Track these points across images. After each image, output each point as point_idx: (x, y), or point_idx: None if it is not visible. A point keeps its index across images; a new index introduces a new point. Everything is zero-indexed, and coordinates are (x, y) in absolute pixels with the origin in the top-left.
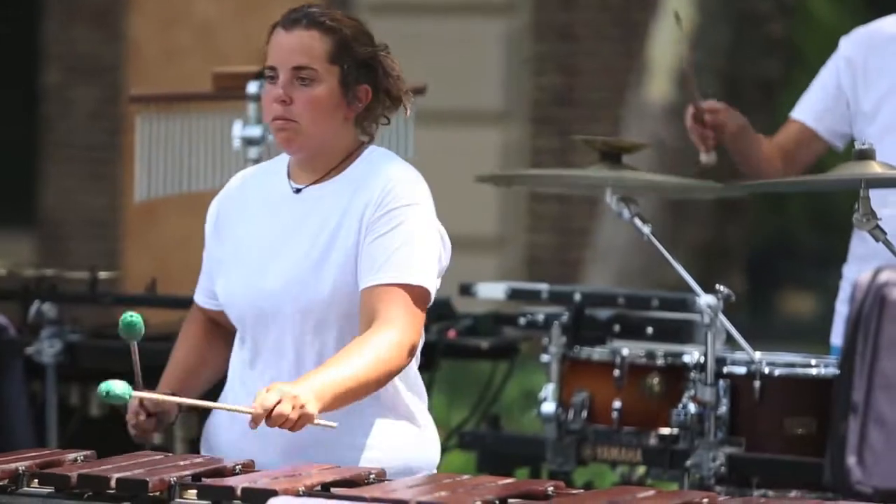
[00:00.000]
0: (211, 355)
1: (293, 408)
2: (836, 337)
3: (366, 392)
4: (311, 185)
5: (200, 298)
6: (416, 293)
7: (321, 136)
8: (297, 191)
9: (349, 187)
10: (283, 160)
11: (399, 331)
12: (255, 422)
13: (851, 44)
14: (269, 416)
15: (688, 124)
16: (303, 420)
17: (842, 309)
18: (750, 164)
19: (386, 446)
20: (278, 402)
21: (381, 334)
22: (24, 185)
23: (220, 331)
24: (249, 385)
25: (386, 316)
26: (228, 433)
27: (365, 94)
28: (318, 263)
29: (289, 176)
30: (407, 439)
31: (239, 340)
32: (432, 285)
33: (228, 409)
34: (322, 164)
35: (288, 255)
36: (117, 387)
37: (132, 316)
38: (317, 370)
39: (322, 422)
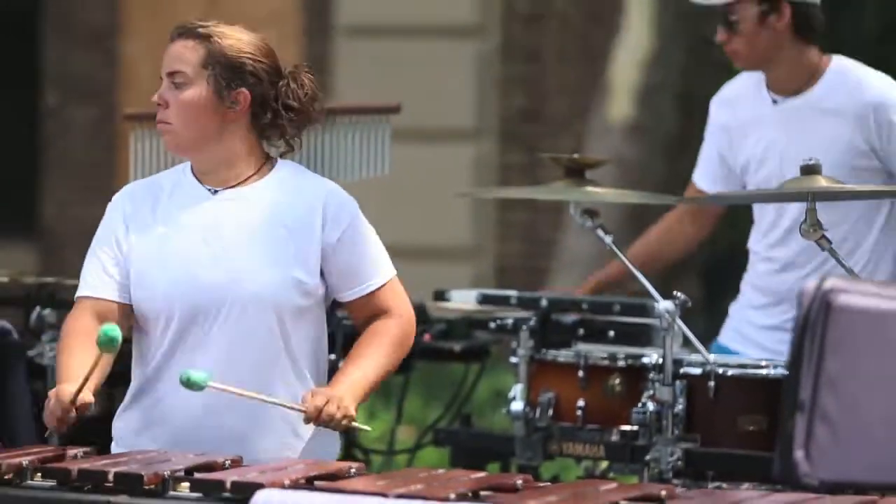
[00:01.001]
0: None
1: (338, 408)
2: (723, 338)
3: (387, 377)
4: (227, 188)
5: (99, 290)
6: (394, 280)
7: (195, 135)
8: (214, 192)
9: (278, 192)
10: (178, 171)
11: (405, 316)
12: (307, 420)
13: (717, 107)
14: (319, 417)
15: None
16: (346, 420)
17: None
18: (663, 261)
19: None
20: (326, 404)
21: (393, 324)
22: (25, 198)
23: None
24: (171, 374)
25: (390, 308)
26: (182, 421)
27: (244, 98)
28: (261, 260)
29: (199, 181)
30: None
31: (145, 334)
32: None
33: (285, 406)
34: (223, 169)
35: (224, 252)
36: (197, 375)
37: (112, 330)
38: (348, 370)
39: (357, 424)
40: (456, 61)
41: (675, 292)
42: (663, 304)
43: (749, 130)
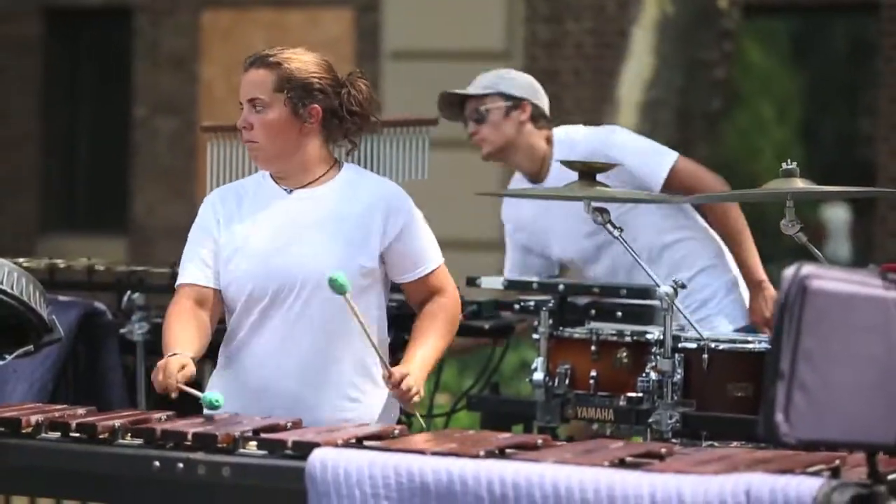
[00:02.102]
0: (207, 326)
1: (416, 383)
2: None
3: (447, 348)
4: (300, 188)
5: (198, 278)
6: (443, 264)
7: (279, 150)
8: (290, 191)
9: (344, 191)
10: (259, 176)
11: (453, 295)
12: (388, 382)
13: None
14: (400, 382)
15: None
16: (418, 396)
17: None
18: None
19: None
20: (407, 375)
21: (444, 304)
22: (118, 199)
23: (205, 309)
24: (250, 351)
25: (442, 289)
26: (256, 385)
27: (316, 112)
28: (327, 247)
29: (276, 183)
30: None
31: (230, 315)
32: None
33: (382, 359)
34: (300, 173)
35: (296, 241)
36: (341, 278)
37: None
38: (416, 351)
39: (416, 411)
40: None
41: (673, 278)
42: (663, 289)
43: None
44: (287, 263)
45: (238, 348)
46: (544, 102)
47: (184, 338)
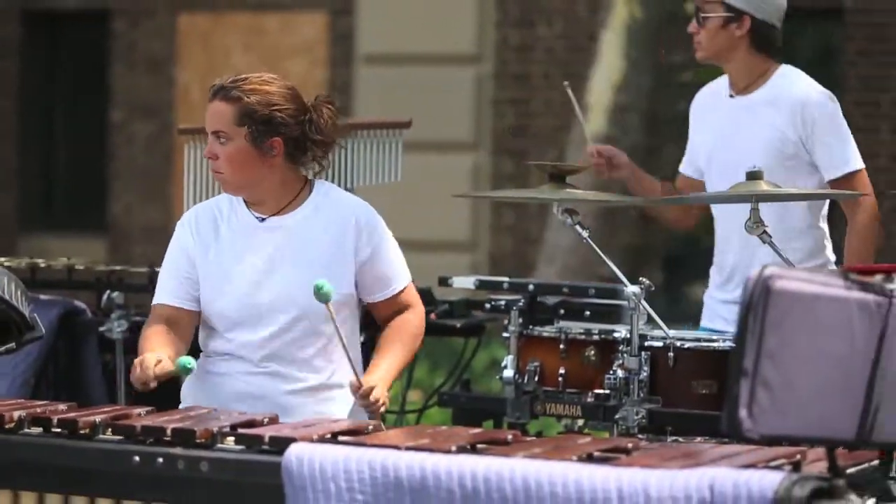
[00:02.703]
0: (179, 345)
1: (383, 398)
2: (705, 321)
3: (410, 361)
4: (273, 215)
5: (173, 299)
6: (411, 283)
7: (243, 180)
8: (262, 220)
9: (317, 217)
10: (230, 198)
11: (419, 312)
12: (355, 391)
13: (696, 98)
14: (368, 394)
15: (589, 159)
16: (383, 407)
17: (708, 302)
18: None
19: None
20: (374, 387)
21: (411, 319)
22: (96, 200)
23: (178, 329)
24: (227, 366)
25: (409, 306)
26: (224, 396)
27: (277, 144)
28: (302, 278)
29: (248, 208)
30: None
31: (211, 332)
32: None
33: (354, 371)
34: (269, 200)
35: (277, 276)
36: (328, 288)
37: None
38: (380, 363)
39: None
40: (457, 85)
41: (640, 278)
42: (630, 288)
43: (707, 117)
44: (264, 298)
45: (215, 367)
46: (772, 18)
47: (159, 344)
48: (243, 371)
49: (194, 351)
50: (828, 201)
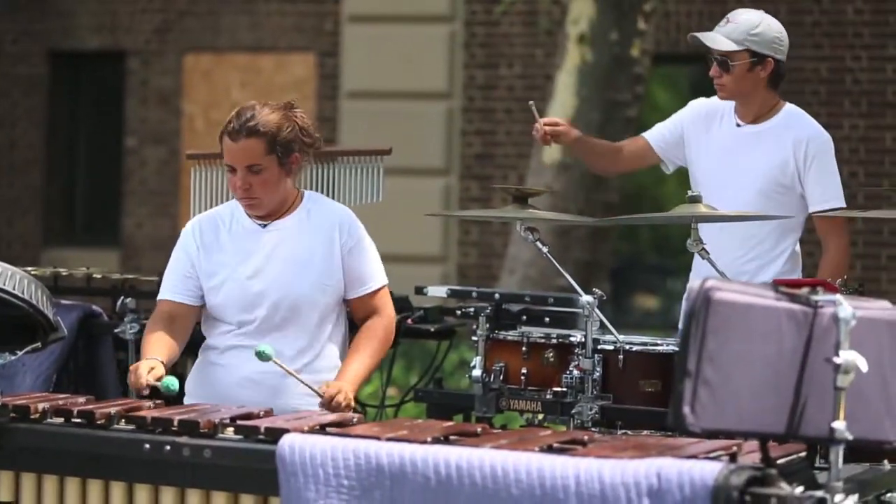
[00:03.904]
0: (179, 336)
1: (344, 399)
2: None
3: (378, 366)
4: (273, 221)
5: (175, 295)
6: (386, 288)
7: (276, 200)
8: (264, 225)
9: (308, 220)
10: (231, 206)
11: (389, 316)
12: (322, 404)
13: (700, 104)
14: (330, 403)
15: (535, 133)
16: (347, 407)
17: (686, 306)
18: (590, 161)
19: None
20: (338, 393)
21: (380, 324)
22: (112, 218)
23: (179, 322)
24: (228, 358)
25: (381, 310)
26: (226, 383)
27: (296, 160)
28: (299, 274)
29: (250, 217)
30: None
31: (215, 328)
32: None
33: (312, 389)
34: (275, 210)
35: (272, 271)
36: (266, 349)
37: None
38: (348, 363)
39: (355, 409)
40: (430, 118)
41: (593, 289)
42: (585, 298)
43: (714, 138)
44: (267, 291)
45: (215, 363)
46: (784, 56)
47: (156, 347)
48: (242, 360)
49: (194, 345)
50: (801, 231)
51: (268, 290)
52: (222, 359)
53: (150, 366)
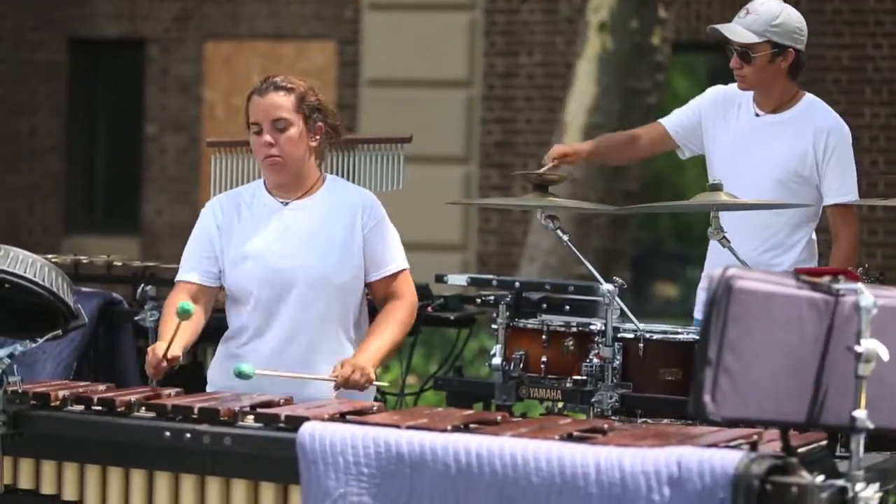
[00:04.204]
0: (197, 318)
1: (361, 376)
2: (697, 312)
3: (398, 348)
4: (295, 200)
5: (194, 277)
6: (407, 271)
7: (298, 162)
8: (286, 203)
9: (330, 201)
10: (252, 187)
11: (409, 300)
12: (336, 387)
13: (718, 92)
14: (346, 383)
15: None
16: (366, 383)
17: (701, 294)
18: (608, 161)
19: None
20: (352, 373)
21: (400, 306)
22: (131, 204)
23: (198, 303)
24: (253, 345)
25: (400, 292)
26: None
27: (320, 130)
28: (319, 251)
29: (271, 194)
30: None
31: (237, 310)
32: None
33: (319, 378)
34: (296, 186)
35: (293, 248)
36: (245, 368)
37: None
38: (368, 342)
39: (378, 382)
40: (451, 106)
41: (613, 277)
42: (605, 286)
43: (732, 126)
44: (290, 268)
45: (241, 345)
46: (804, 46)
47: (170, 330)
48: (265, 345)
49: (214, 333)
50: (818, 220)
51: (288, 266)
52: (244, 350)
53: (166, 346)
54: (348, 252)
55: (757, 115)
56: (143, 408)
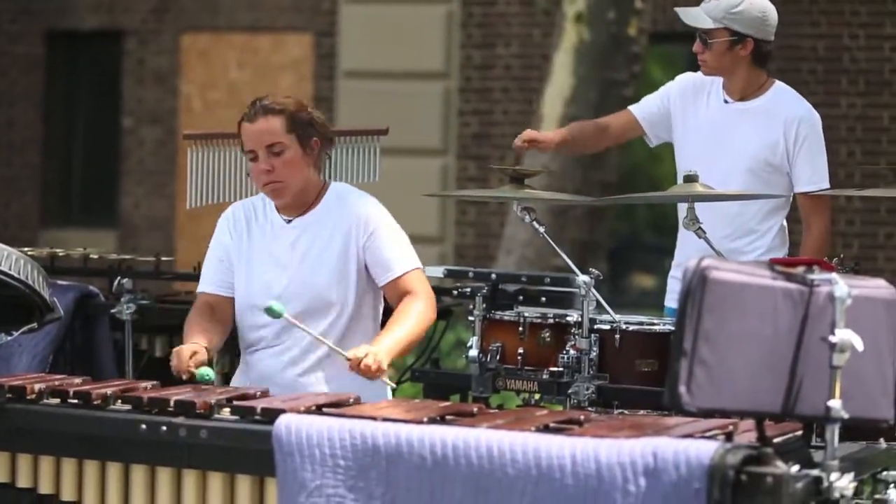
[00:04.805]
0: (221, 324)
1: (374, 361)
2: (668, 301)
3: (416, 344)
4: (297, 217)
5: (212, 288)
6: (420, 270)
7: (299, 184)
8: (289, 221)
9: (329, 216)
10: (264, 198)
11: (427, 297)
12: (350, 367)
13: (686, 80)
14: (358, 365)
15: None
16: (378, 372)
17: (672, 283)
18: (578, 152)
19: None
20: (366, 356)
21: (416, 303)
22: (109, 197)
23: (219, 312)
24: (260, 355)
25: (415, 290)
26: (272, 368)
27: (316, 143)
28: (321, 269)
29: (277, 211)
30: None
31: (253, 333)
32: (419, 261)
33: (336, 350)
34: (300, 203)
35: (295, 266)
36: (276, 306)
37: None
38: (385, 333)
39: (385, 378)
40: (427, 98)
41: (589, 269)
42: (581, 277)
43: (702, 113)
44: (286, 288)
45: (256, 359)
46: (769, 36)
47: (198, 333)
48: (268, 357)
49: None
50: (789, 207)
51: (286, 287)
52: (264, 354)
53: (193, 350)
54: (343, 271)
55: (726, 101)
56: (120, 401)
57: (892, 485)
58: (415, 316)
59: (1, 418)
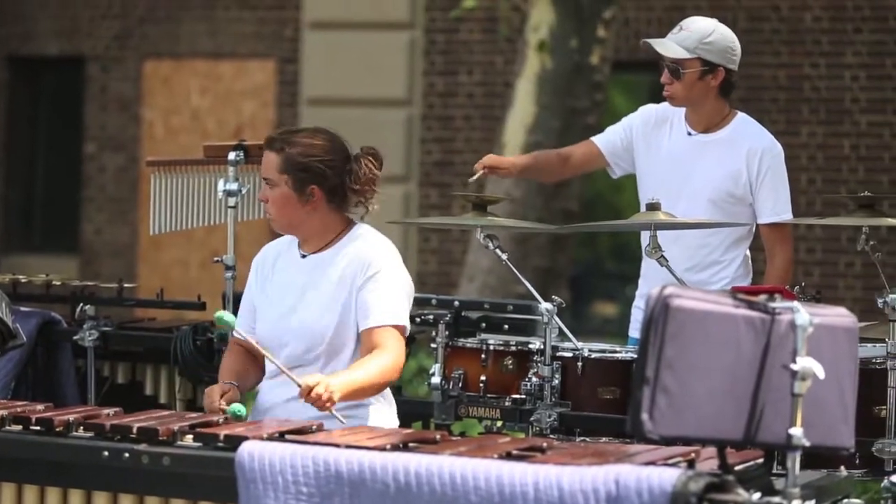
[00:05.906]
0: (254, 364)
1: (325, 391)
2: (632, 331)
3: (371, 393)
4: (312, 253)
5: (243, 330)
6: (400, 329)
7: (288, 221)
8: (304, 256)
9: (342, 257)
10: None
11: (393, 356)
12: (300, 395)
13: (649, 111)
14: (308, 394)
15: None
16: (328, 403)
17: (636, 313)
18: (539, 178)
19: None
20: (317, 384)
21: (383, 357)
22: (70, 224)
23: (252, 353)
24: (270, 386)
25: (384, 346)
26: (272, 399)
27: (316, 191)
28: (323, 309)
29: (299, 246)
30: (383, 415)
31: (266, 366)
32: (407, 321)
33: (288, 375)
34: (313, 239)
35: (299, 306)
36: (227, 316)
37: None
38: (343, 371)
39: (336, 413)
40: (390, 125)
41: (552, 296)
42: (544, 305)
43: (664, 145)
44: (293, 327)
45: (264, 390)
46: (736, 66)
47: (231, 372)
48: (271, 388)
49: (158, 353)
50: (752, 237)
51: (293, 326)
52: (277, 381)
53: (224, 389)
54: (343, 311)
55: (689, 133)
56: (82, 427)
57: None
58: (376, 368)
59: None
